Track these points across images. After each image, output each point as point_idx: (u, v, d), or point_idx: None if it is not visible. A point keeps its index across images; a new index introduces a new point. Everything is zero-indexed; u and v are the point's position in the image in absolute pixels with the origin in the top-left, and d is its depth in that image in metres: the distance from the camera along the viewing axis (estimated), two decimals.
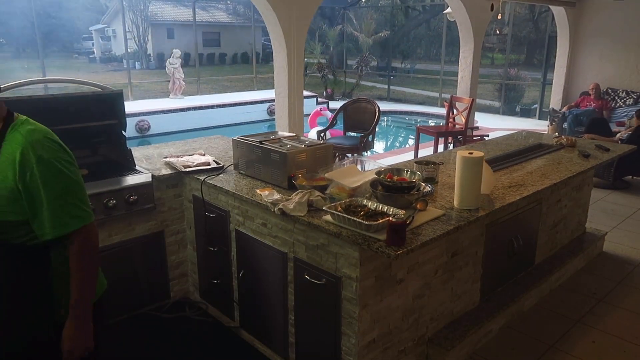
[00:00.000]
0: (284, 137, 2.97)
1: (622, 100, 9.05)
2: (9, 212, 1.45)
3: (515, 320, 3.12)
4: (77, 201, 1.50)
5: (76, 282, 1.53)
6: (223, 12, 27.76)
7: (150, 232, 3.09)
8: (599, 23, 9.50)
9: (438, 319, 2.70)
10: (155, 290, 3.22)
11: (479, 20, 8.63)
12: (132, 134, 10.16)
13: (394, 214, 2.13)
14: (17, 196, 1.44)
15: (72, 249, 1.52)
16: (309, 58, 16.42)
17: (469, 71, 8.85)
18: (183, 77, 13.16)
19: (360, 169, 2.72)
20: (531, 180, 2.96)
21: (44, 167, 1.44)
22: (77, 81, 3.36)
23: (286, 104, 6.12)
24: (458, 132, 7.02)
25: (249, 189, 2.69)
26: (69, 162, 1.51)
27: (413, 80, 19.53)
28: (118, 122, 3.08)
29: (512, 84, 13.58)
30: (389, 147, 11.21)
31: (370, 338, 2.28)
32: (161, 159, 3.33)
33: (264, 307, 2.72)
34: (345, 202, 2.27)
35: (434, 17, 22.15)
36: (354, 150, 5.94)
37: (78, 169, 1.54)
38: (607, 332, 3.03)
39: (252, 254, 2.73)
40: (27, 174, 1.42)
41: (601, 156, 3.64)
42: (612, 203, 5.45)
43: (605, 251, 4.19)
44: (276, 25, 5.79)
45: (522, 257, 3.33)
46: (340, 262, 2.19)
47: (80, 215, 1.50)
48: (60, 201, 1.46)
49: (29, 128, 1.48)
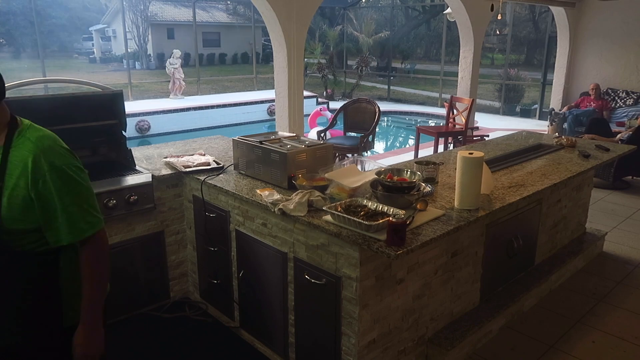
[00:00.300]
0: (284, 137, 2.97)
1: (622, 100, 9.05)
2: (21, 221, 1.44)
3: (515, 320, 3.12)
4: (90, 207, 1.51)
5: (88, 288, 1.52)
6: (223, 12, 27.77)
7: (150, 232, 3.09)
8: (599, 23, 9.50)
9: (438, 319, 2.71)
10: (155, 290, 3.22)
11: (479, 21, 8.63)
12: (132, 134, 10.17)
13: (394, 214, 2.14)
14: (29, 204, 1.43)
15: (85, 254, 1.51)
16: (309, 58, 16.42)
17: (469, 71, 8.85)
18: (183, 77, 13.17)
19: (360, 169, 2.72)
20: (531, 181, 2.96)
21: (57, 174, 1.43)
22: (77, 81, 3.37)
23: (286, 104, 6.12)
24: (458, 133, 7.02)
25: (249, 189, 2.69)
26: (79, 169, 1.50)
27: (413, 80, 19.54)
28: (118, 122, 3.09)
29: (512, 84, 13.58)
30: (389, 147, 11.22)
31: (370, 338, 2.28)
32: (161, 159, 3.33)
33: (264, 307, 2.72)
34: (345, 202, 2.27)
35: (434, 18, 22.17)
36: (354, 151, 5.94)
37: (87, 175, 1.54)
38: (607, 332, 3.03)
39: (252, 254, 2.73)
40: (40, 181, 1.41)
41: (601, 156, 3.64)
42: (612, 203, 5.45)
43: (605, 251, 4.19)
44: (276, 25, 5.79)
45: (522, 257, 3.33)
46: (340, 262, 2.19)
47: (92, 221, 1.50)
48: (75, 208, 1.46)
49: (38, 135, 1.46)
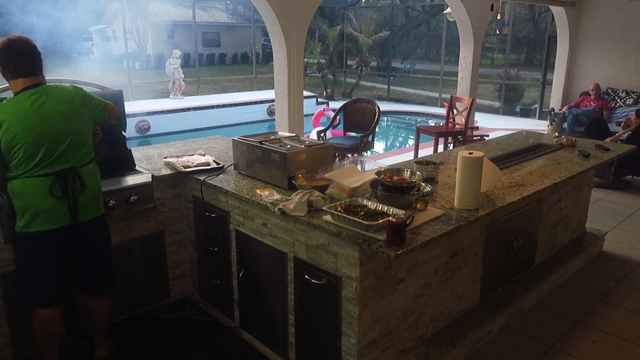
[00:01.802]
0: (284, 138, 2.97)
1: (622, 100, 9.05)
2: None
3: (515, 320, 3.12)
4: None
5: None
6: (223, 12, 27.75)
7: (150, 232, 3.09)
8: (598, 23, 9.50)
9: (438, 318, 2.70)
10: (155, 291, 3.22)
11: (479, 21, 8.63)
12: (132, 134, 10.16)
13: (394, 214, 2.14)
14: None
15: None
16: (309, 58, 16.41)
17: (468, 71, 8.86)
18: (183, 77, 13.16)
19: (360, 169, 2.72)
20: (531, 180, 2.96)
21: None
22: (77, 81, 3.36)
23: (286, 104, 6.12)
24: (458, 132, 7.02)
25: (249, 189, 2.69)
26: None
27: (413, 80, 19.53)
28: (118, 122, 3.07)
29: (512, 84, 13.58)
30: (389, 147, 11.22)
31: (370, 338, 2.28)
32: (161, 159, 3.33)
33: (264, 307, 2.72)
34: (345, 202, 2.27)
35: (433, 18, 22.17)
36: (353, 151, 5.94)
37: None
38: (607, 332, 3.03)
39: (252, 254, 2.73)
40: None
41: (601, 156, 3.64)
42: (612, 203, 5.45)
43: (605, 251, 4.19)
44: (276, 26, 5.79)
45: (522, 257, 3.33)
46: (340, 262, 2.19)
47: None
48: None
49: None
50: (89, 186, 2.39)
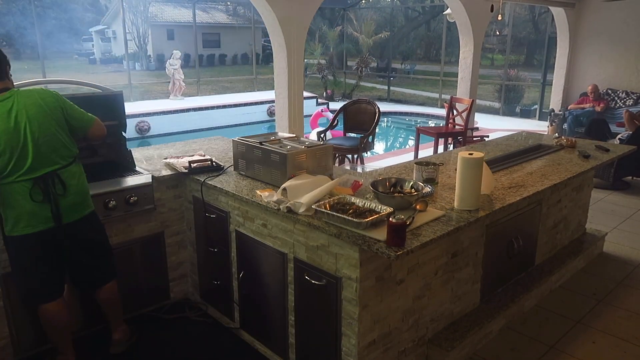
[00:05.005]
0: (284, 138, 2.97)
1: (622, 100, 9.06)
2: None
3: (516, 320, 3.12)
4: None
5: None
6: (223, 13, 27.77)
7: (150, 233, 3.09)
8: (598, 24, 9.51)
9: (438, 319, 2.70)
10: (155, 291, 3.22)
11: (479, 21, 8.63)
12: (132, 135, 10.17)
13: (382, 211, 2.14)
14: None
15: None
16: (309, 59, 16.43)
17: (468, 72, 8.85)
18: (183, 78, 13.17)
19: (360, 171, 2.71)
20: (531, 181, 2.96)
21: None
22: (77, 82, 3.36)
23: (286, 105, 6.12)
24: (458, 133, 7.02)
25: (249, 189, 2.69)
26: None
27: (413, 81, 19.54)
28: (118, 123, 3.08)
29: (512, 84, 13.58)
30: (389, 147, 11.22)
31: (371, 339, 2.28)
32: (161, 159, 3.33)
33: (264, 308, 2.72)
34: (332, 200, 2.28)
35: (433, 18, 22.19)
36: (354, 151, 5.94)
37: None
38: (607, 332, 3.03)
39: (252, 254, 2.73)
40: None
41: (601, 157, 3.64)
42: (612, 204, 5.45)
43: (605, 252, 4.19)
44: (276, 27, 5.79)
45: (522, 258, 3.33)
46: (340, 262, 2.19)
47: None
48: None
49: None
50: (70, 188, 2.39)
